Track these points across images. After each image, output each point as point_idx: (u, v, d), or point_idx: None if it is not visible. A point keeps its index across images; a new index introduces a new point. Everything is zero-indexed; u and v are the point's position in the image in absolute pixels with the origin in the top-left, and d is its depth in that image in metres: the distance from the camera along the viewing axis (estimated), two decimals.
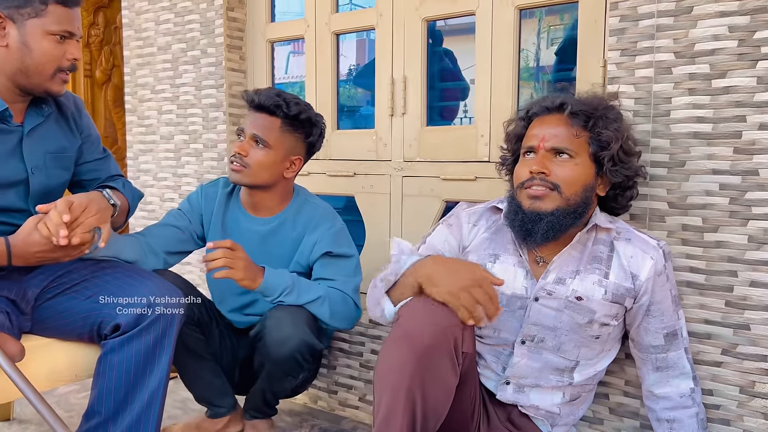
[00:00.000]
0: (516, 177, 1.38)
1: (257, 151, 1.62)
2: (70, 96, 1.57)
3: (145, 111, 2.52)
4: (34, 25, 1.34)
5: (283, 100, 1.62)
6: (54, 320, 1.44)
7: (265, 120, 1.63)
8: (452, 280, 1.21)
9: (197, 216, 1.77)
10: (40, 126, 1.45)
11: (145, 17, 2.48)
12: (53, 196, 1.47)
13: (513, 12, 1.73)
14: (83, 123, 1.58)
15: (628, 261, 1.32)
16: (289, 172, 1.68)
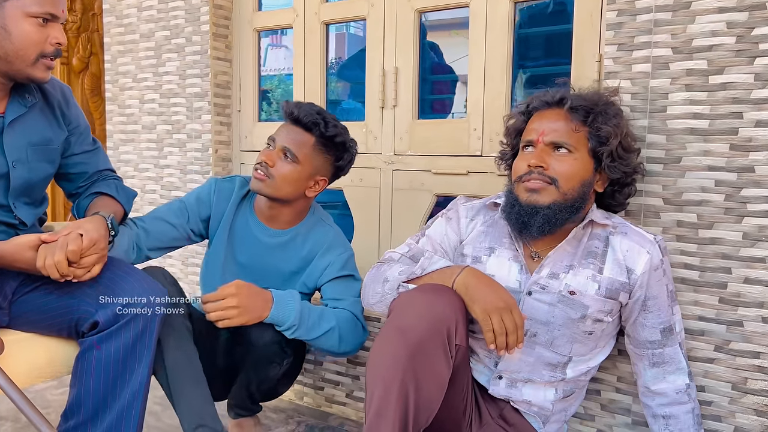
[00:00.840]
0: (514, 170, 1.36)
1: (285, 164, 1.58)
2: (57, 84, 1.49)
3: (127, 100, 2.45)
4: (14, 6, 1.26)
5: (323, 119, 1.58)
6: (32, 315, 1.38)
7: (299, 135, 1.58)
8: (488, 298, 1.22)
9: (203, 213, 1.70)
10: (23, 117, 1.37)
11: (126, 3, 2.41)
12: (36, 191, 1.41)
13: (508, 5, 1.71)
14: (71, 113, 1.50)
15: (624, 255, 1.31)
16: (312, 191, 1.64)
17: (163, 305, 1.39)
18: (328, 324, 1.55)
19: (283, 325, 1.50)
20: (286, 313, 1.49)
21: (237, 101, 2.26)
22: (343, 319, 1.58)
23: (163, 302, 1.40)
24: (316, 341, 1.55)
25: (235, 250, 1.70)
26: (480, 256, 1.41)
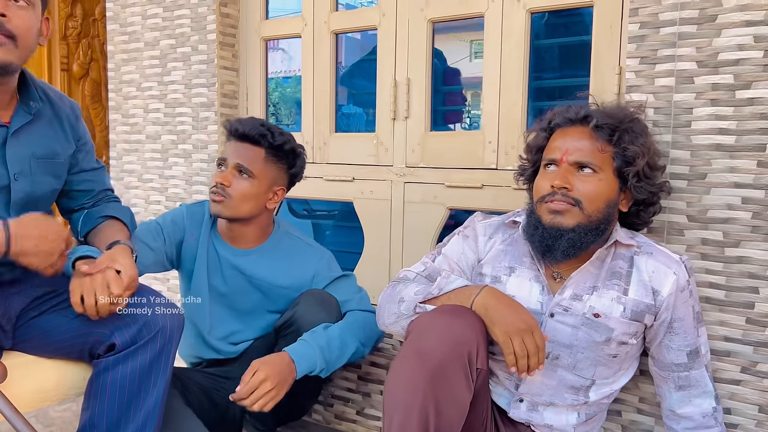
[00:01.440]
0: (536, 190, 1.32)
1: (241, 182, 1.56)
2: (66, 100, 1.45)
3: (131, 109, 2.41)
4: None
5: (268, 129, 1.59)
6: (39, 339, 1.34)
7: (249, 150, 1.57)
8: (508, 320, 1.19)
9: (177, 236, 1.68)
10: (27, 126, 1.32)
11: (131, 11, 2.37)
12: (39, 206, 1.35)
13: (524, 15, 1.67)
14: (80, 129, 1.46)
15: (650, 276, 1.27)
16: (272, 203, 1.64)
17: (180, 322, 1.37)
18: (352, 346, 1.54)
19: (314, 371, 1.50)
20: (311, 363, 1.49)
21: (244, 111, 2.22)
22: (360, 325, 1.57)
23: (180, 319, 1.37)
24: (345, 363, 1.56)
25: (215, 281, 1.69)
26: (500, 275, 1.37)
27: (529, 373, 1.21)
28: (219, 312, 1.70)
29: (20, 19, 1.22)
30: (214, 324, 1.70)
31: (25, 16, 1.23)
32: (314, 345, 1.49)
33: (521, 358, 1.19)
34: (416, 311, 1.29)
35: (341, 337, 1.53)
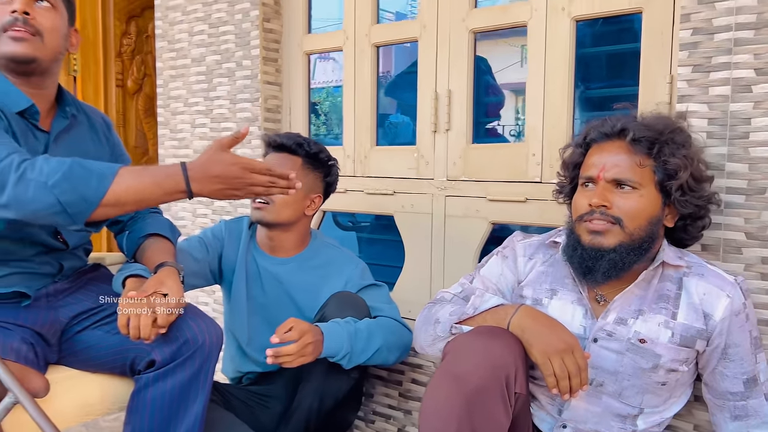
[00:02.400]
0: (575, 209, 1.27)
1: None
2: (98, 112, 1.52)
3: (178, 124, 2.46)
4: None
5: (304, 140, 1.68)
6: (83, 353, 1.38)
7: (287, 159, 1.66)
8: (547, 340, 1.15)
9: (217, 249, 1.74)
10: (66, 133, 1.37)
11: (178, 28, 2.42)
12: None
13: (569, 24, 1.62)
14: (113, 139, 1.52)
15: (701, 299, 1.20)
16: (310, 209, 1.70)
17: (220, 341, 1.38)
18: (377, 342, 1.54)
19: (337, 356, 1.49)
20: (339, 343, 1.48)
21: (287, 125, 2.24)
22: (388, 329, 1.58)
23: (219, 338, 1.38)
24: (368, 361, 1.55)
25: (254, 291, 1.72)
26: (541, 298, 1.32)
27: (572, 395, 1.16)
28: (257, 323, 1.72)
29: (44, 18, 1.28)
30: (252, 335, 1.72)
31: (49, 16, 1.29)
32: (344, 328, 1.50)
33: (562, 379, 1.14)
34: (452, 332, 1.26)
35: (368, 329, 1.54)
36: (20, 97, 1.26)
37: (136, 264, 1.41)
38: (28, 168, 1.10)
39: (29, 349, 1.27)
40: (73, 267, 1.42)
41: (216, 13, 2.28)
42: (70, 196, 1.10)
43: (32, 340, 1.30)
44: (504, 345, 1.17)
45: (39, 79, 1.30)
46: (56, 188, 1.09)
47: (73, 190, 1.10)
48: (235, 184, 1.20)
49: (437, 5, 1.85)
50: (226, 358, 1.82)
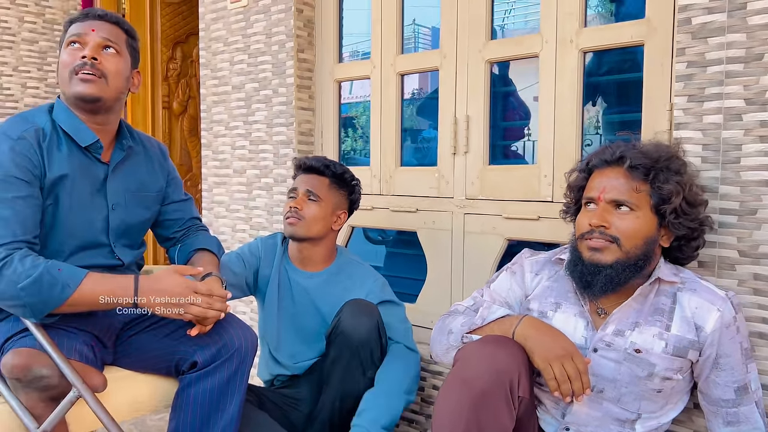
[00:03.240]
0: (577, 227, 1.39)
1: (311, 205, 1.81)
2: (154, 142, 1.68)
3: (220, 146, 2.65)
4: (63, 48, 1.47)
5: (330, 162, 1.86)
6: (135, 355, 1.54)
7: (315, 179, 1.84)
8: (547, 347, 1.27)
9: (254, 264, 1.91)
10: (124, 163, 1.54)
11: (220, 57, 2.62)
12: (133, 234, 1.57)
13: (577, 55, 1.74)
14: (168, 166, 1.68)
15: (693, 312, 1.30)
16: (336, 225, 1.87)
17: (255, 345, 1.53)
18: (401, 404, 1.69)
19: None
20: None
21: (319, 147, 2.40)
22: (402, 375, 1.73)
23: (254, 342, 1.54)
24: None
25: (285, 301, 1.88)
26: (546, 311, 1.44)
27: (576, 399, 1.27)
28: (285, 331, 1.88)
29: (109, 63, 1.46)
30: (280, 342, 1.88)
31: (114, 61, 1.47)
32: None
33: (563, 383, 1.26)
34: (463, 341, 1.39)
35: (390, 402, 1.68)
36: (87, 134, 1.45)
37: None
38: (6, 265, 1.27)
39: (90, 350, 1.44)
40: None
41: (254, 44, 2.47)
42: (34, 299, 1.29)
43: (92, 343, 1.48)
44: (508, 353, 1.29)
45: (103, 116, 1.48)
46: (24, 291, 1.28)
47: (38, 295, 1.28)
48: (179, 302, 1.37)
49: (456, 37, 1.99)
50: (261, 363, 1.99)
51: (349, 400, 1.71)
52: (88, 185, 1.47)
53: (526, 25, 3.06)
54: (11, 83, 3.40)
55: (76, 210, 1.44)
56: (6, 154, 1.34)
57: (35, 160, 1.37)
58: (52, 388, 1.31)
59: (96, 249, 1.49)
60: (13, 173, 1.33)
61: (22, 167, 1.35)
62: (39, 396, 1.31)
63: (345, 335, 1.68)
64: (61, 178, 1.40)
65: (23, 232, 1.32)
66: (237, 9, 2.51)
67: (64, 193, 1.41)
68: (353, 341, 1.67)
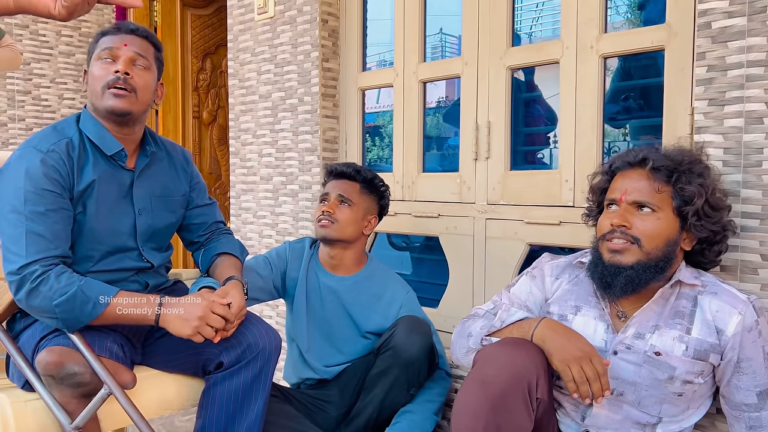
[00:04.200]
0: (598, 228, 1.40)
1: (343, 209, 1.86)
2: (178, 148, 1.73)
3: (247, 154, 2.71)
4: (93, 60, 1.51)
5: (360, 167, 1.92)
6: (163, 355, 1.59)
7: (347, 184, 1.88)
8: (566, 349, 1.28)
9: (281, 267, 1.95)
10: (148, 169, 1.59)
11: (248, 68, 2.69)
12: (160, 237, 1.62)
13: (597, 61, 1.75)
14: (192, 171, 1.73)
15: (713, 315, 1.30)
16: (367, 229, 1.91)
17: (278, 346, 1.57)
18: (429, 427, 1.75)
19: None
20: None
21: (343, 154, 2.45)
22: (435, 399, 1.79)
23: (278, 343, 1.57)
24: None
25: (314, 304, 1.91)
26: (566, 314, 1.44)
27: (595, 401, 1.27)
28: (316, 335, 1.91)
29: (140, 78, 1.51)
30: (311, 344, 1.91)
31: (144, 76, 1.52)
32: None
33: (581, 384, 1.26)
34: (482, 344, 1.40)
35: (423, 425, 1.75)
36: (113, 143, 1.50)
37: (208, 278, 1.63)
38: (43, 282, 1.34)
39: (120, 349, 1.49)
40: (156, 284, 1.64)
41: (281, 54, 2.53)
42: (67, 315, 1.36)
43: (122, 342, 1.53)
44: (527, 355, 1.31)
45: (130, 127, 1.53)
46: (58, 307, 1.35)
47: (71, 312, 1.36)
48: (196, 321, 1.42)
49: (477, 45, 2.02)
50: (288, 365, 2.02)
51: (387, 412, 1.76)
52: (114, 192, 1.52)
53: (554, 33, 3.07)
54: (49, 95, 3.52)
55: (104, 216, 1.49)
56: (37, 167, 1.39)
57: (64, 172, 1.42)
58: (84, 385, 1.36)
59: (125, 253, 1.55)
60: (44, 186, 1.38)
61: (53, 179, 1.40)
62: (72, 392, 1.37)
63: (397, 351, 1.72)
64: (89, 186, 1.46)
65: (56, 247, 1.38)
66: (264, 20, 2.58)
67: (92, 200, 1.47)
68: (404, 358, 1.71)
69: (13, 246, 1.36)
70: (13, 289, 1.35)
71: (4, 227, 1.38)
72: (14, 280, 1.35)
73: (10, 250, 1.36)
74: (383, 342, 1.77)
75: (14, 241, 1.36)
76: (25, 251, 1.34)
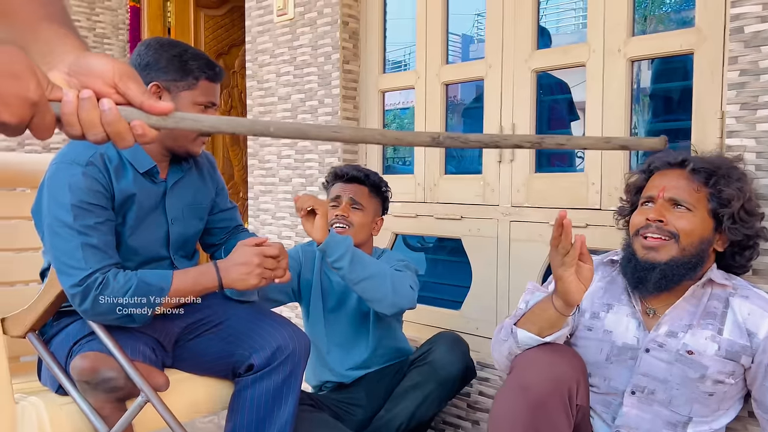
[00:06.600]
0: (632, 224, 1.41)
1: (356, 213, 1.88)
2: (204, 154, 1.72)
3: (266, 155, 2.72)
4: (186, 96, 1.49)
5: (368, 170, 1.95)
6: (193, 359, 1.60)
7: (357, 188, 1.90)
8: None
9: (296, 269, 1.95)
10: (180, 181, 1.60)
11: (267, 69, 2.69)
12: (189, 245, 1.63)
13: (625, 64, 1.75)
14: (216, 177, 1.74)
15: (744, 318, 1.30)
16: (376, 230, 1.95)
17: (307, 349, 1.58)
18: (378, 268, 1.70)
19: (333, 255, 1.65)
20: (339, 242, 1.64)
21: (363, 156, 2.45)
22: (397, 273, 1.75)
23: (307, 346, 1.58)
24: (367, 282, 1.68)
25: (330, 304, 1.93)
26: (598, 312, 1.45)
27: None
28: (333, 335, 1.92)
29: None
30: (330, 345, 1.92)
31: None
32: (349, 241, 1.68)
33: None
34: (512, 334, 1.38)
35: (374, 261, 1.73)
36: (145, 159, 1.50)
37: None
38: (104, 286, 1.36)
39: (152, 352, 1.50)
40: None
41: (300, 56, 2.53)
42: (137, 308, 1.39)
43: (153, 345, 1.54)
44: (566, 360, 1.32)
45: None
46: (127, 305, 1.38)
47: (139, 304, 1.39)
48: (253, 268, 1.45)
49: (502, 47, 2.02)
50: (307, 368, 2.03)
51: (415, 424, 1.77)
52: (149, 204, 1.53)
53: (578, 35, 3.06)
54: None
55: (139, 227, 1.50)
56: (80, 181, 1.39)
57: (105, 184, 1.43)
58: (118, 390, 1.37)
59: (157, 262, 1.56)
60: (89, 200, 1.39)
61: (96, 192, 1.41)
62: (106, 397, 1.37)
63: (434, 366, 1.74)
64: (126, 199, 1.47)
65: (111, 256, 1.41)
66: (283, 22, 2.58)
67: (130, 212, 1.48)
68: (441, 375, 1.73)
69: (69, 260, 1.37)
70: (78, 301, 1.36)
71: (56, 242, 1.38)
72: (78, 292, 1.35)
73: (67, 264, 1.37)
74: (420, 355, 1.79)
75: (70, 255, 1.37)
76: (85, 263, 1.36)
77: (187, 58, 1.48)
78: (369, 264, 1.70)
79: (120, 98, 0.70)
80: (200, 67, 1.48)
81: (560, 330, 1.35)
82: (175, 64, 1.47)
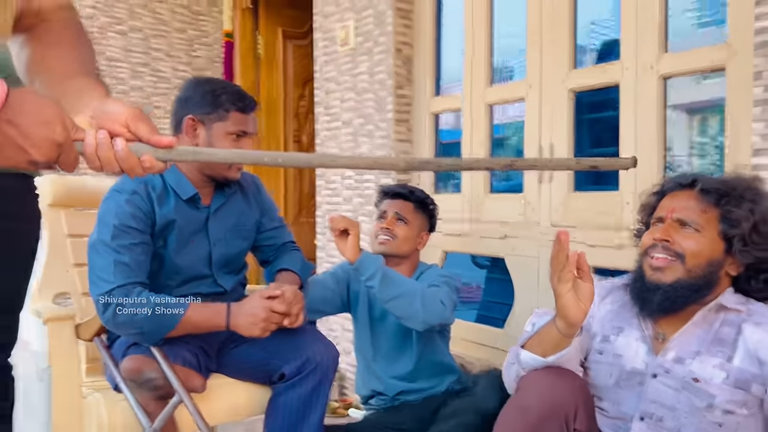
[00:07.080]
0: (641, 245, 1.39)
1: (401, 227, 1.94)
2: (248, 176, 1.86)
3: (331, 176, 2.88)
4: (219, 127, 1.63)
5: (413, 188, 2.02)
6: (235, 365, 1.75)
7: (402, 204, 1.97)
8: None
9: (345, 280, 2.05)
10: (223, 205, 1.74)
11: (333, 96, 2.86)
12: (233, 262, 1.78)
13: (657, 82, 1.71)
14: (262, 198, 1.87)
15: (755, 346, 1.24)
16: (421, 245, 1.98)
17: (336, 360, 1.68)
18: (408, 287, 1.75)
19: (365, 274, 1.72)
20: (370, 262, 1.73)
21: (416, 177, 2.53)
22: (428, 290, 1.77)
23: (335, 357, 1.68)
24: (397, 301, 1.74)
25: (375, 313, 2.00)
26: (609, 335, 1.43)
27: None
28: (380, 344, 2.00)
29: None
30: (376, 352, 2.01)
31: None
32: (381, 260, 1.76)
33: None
34: (520, 358, 1.41)
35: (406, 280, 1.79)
36: (188, 187, 1.67)
37: None
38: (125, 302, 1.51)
39: (193, 357, 1.66)
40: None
41: (360, 83, 2.68)
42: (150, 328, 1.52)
43: (197, 351, 1.70)
44: (567, 384, 1.32)
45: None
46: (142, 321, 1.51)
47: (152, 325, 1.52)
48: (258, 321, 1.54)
49: (541, 67, 2.03)
50: (357, 378, 2.13)
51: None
52: (191, 228, 1.68)
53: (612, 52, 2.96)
54: (165, 67, 3.86)
55: (182, 250, 1.67)
56: (123, 206, 1.58)
57: (146, 211, 1.61)
58: (159, 389, 1.54)
59: (200, 280, 1.72)
60: (129, 223, 1.58)
61: (137, 217, 1.59)
62: (150, 395, 1.55)
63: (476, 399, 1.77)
64: (168, 224, 1.64)
65: (137, 275, 1.58)
66: (346, 52, 2.74)
67: (172, 236, 1.65)
68: (482, 409, 1.73)
69: (102, 273, 1.56)
70: (101, 309, 1.55)
71: (94, 257, 1.59)
72: (102, 302, 1.55)
73: (99, 276, 1.57)
74: (464, 387, 1.85)
75: (103, 269, 1.56)
76: (113, 277, 1.54)
77: (219, 93, 1.63)
78: (400, 283, 1.77)
79: (131, 136, 0.86)
80: (230, 99, 1.63)
81: (562, 351, 1.35)
82: (208, 98, 1.63)
